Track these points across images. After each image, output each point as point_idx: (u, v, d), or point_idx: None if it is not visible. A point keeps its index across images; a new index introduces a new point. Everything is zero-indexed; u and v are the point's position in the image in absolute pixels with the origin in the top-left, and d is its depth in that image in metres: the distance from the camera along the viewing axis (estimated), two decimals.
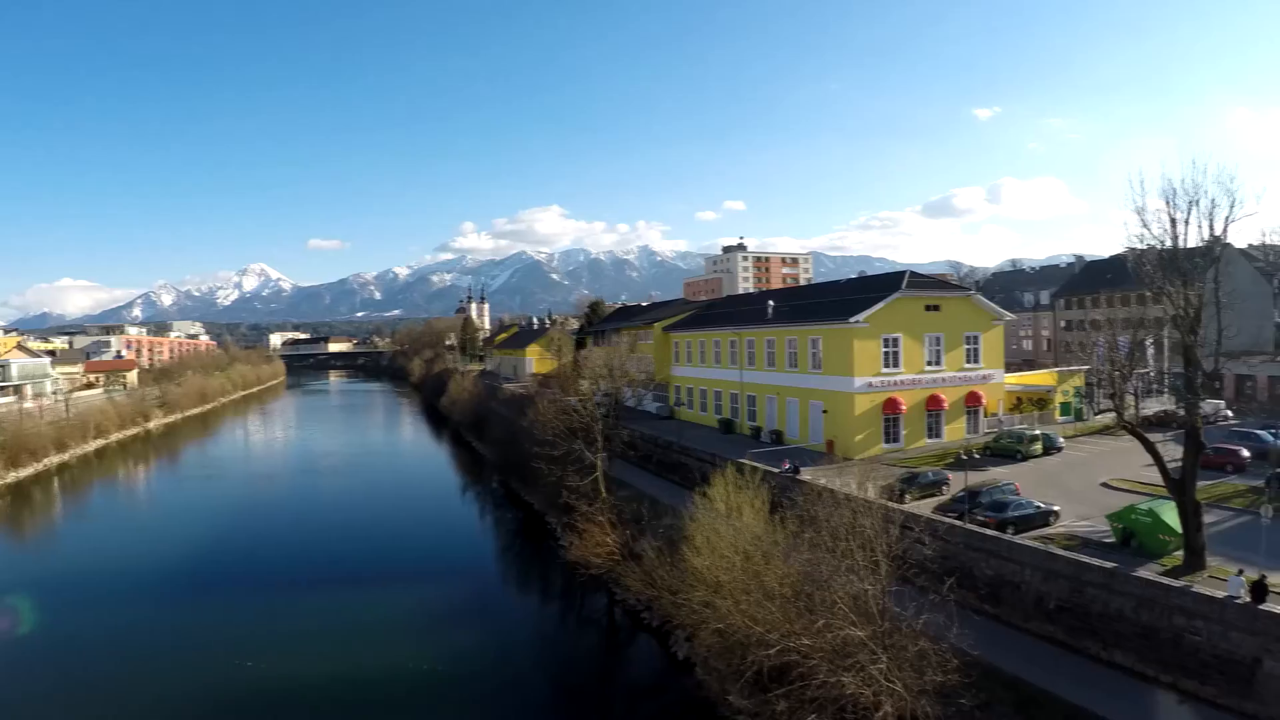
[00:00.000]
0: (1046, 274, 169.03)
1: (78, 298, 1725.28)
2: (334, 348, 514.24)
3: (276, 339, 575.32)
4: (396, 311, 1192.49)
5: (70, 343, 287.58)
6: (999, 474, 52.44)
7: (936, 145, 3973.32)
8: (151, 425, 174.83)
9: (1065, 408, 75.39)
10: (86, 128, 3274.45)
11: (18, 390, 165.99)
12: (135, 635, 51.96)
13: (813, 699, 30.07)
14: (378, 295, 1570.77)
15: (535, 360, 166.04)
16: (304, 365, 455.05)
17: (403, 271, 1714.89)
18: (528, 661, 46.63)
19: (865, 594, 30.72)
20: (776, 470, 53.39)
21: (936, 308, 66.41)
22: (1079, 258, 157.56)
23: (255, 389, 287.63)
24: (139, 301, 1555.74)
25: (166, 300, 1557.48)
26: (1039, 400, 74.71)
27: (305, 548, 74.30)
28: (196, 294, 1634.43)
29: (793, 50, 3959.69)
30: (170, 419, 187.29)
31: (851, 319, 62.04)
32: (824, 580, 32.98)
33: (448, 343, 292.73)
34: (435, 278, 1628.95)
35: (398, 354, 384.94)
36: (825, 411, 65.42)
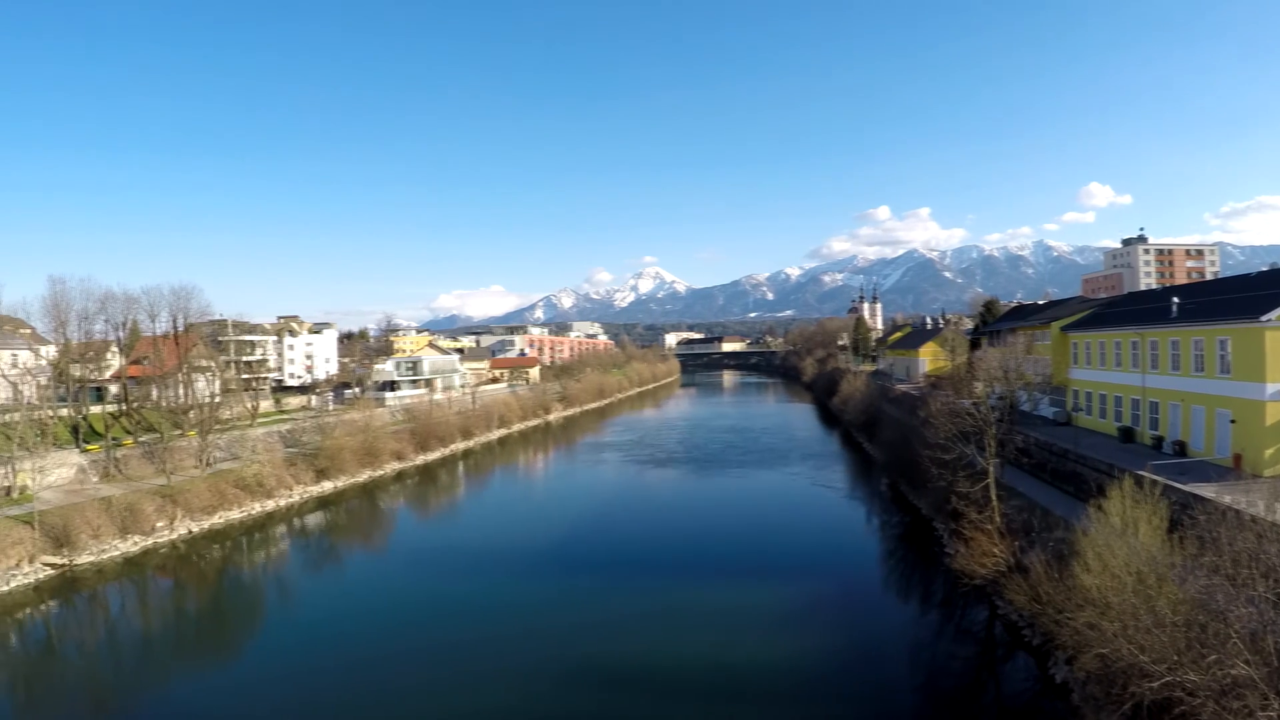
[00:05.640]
0: None
1: (486, 302, 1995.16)
2: (727, 347, 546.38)
3: (671, 338, 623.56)
4: (789, 311, 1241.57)
5: (477, 341, 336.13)
6: None
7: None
8: (551, 418, 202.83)
9: None
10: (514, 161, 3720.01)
11: (428, 384, 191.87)
12: (510, 604, 61.82)
13: None
14: (770, 295, 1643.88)
15: (928, 360, 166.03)
16: (697, 364, 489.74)
17: (794, 272, 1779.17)
18: (899, 666, 49.39)
19: (1264, 630, 29.52)
20: (1178, 485, 50.61)
21: None
22: None
23: (650, 385, 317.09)
24: (540, 304, 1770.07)
25: (566, 303, 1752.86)
26: None
27: (685, 535, 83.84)
28: (595, 296, 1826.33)
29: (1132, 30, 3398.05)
30: (569, 412, 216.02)
31: (1262, 317, 55.88)
32: (1219, 610, 31.89)
33: (840, 342, 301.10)
34: (826, 278, 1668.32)
35: (790, 353, 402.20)
36: (1233, 421, 59.76)
